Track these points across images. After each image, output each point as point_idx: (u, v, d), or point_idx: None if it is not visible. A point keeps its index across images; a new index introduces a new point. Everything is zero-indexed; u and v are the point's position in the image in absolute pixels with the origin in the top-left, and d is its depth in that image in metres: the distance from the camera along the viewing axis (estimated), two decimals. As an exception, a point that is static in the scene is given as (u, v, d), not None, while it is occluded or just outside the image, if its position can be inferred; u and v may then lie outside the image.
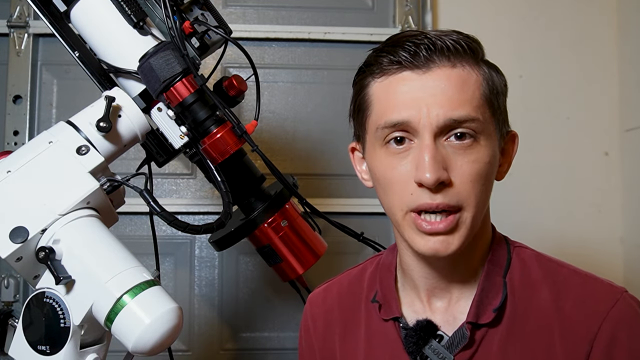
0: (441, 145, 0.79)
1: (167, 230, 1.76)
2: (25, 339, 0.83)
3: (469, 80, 0.81)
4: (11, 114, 1.72)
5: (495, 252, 0.89)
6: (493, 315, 0.83)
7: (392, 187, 0.82)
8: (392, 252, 0.97)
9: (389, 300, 0.92)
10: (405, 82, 0.81)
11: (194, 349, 1.76)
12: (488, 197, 0.85)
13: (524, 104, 1.84)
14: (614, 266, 1.83)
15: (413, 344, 0.85)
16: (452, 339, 0.85)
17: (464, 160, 0.79)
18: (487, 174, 0.81)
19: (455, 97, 0.79)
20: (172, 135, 1.02)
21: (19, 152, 0.92)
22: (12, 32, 1.73)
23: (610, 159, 1.87)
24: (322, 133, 1.82)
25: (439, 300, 0.89)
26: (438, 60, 0.80)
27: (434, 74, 0.80)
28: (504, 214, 1.78)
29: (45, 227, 0.85)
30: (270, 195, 1.18)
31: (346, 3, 1.85)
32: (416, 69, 0.80)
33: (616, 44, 1.89)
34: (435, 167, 0.77)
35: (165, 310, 0.81)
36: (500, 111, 0.85)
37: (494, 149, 0.83)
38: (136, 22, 0.98)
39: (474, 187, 0.80)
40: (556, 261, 0.89)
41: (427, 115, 0.78)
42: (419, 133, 0.79)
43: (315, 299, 1.06)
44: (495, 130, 0.83)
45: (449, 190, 0.79)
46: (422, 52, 0.79)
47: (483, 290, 0.85)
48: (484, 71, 0.83)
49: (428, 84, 0.79)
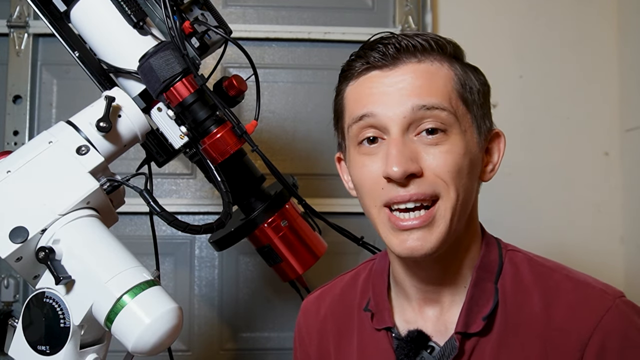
0: (411, 140, 0.79)
1: (167, 230, 1.76)
2: (25, 339, 0.82)
3: (438, 74, 0.81)
4: (11, 114, 1.72)
5: (485, 257, 0.86)
6: (483, 324, 0.81)
7: (363, 185, 0.82)
8: (384, 258, 0.95)
9: (381, 310, 0.90)
10: (373, 80, 0.82)
11: (194, 349, 1.76)
12: (470, 194, 0.82)
13: (524, 104, 1.84)
14: (614, 266, 1.83)
15: (404, 355, 0.83)
16: (443, 350, 0.83)
17: (436, 151, 0.78)
18: (465, 167, 0.79)
19: (424, 87, 0.79)
20: (172, 135, 1.02)
21: (19, 152, 0.92)
22: (12, 32, 1.73)
23: (610, 159, 1.87)
24: (322, 133, 1.81)
25: (430, 309, 0.87)
26: (405, 58, 0.81)
27: (401, 69, 0.80)
28: (504, 214, 1.78)
29: (45, 227, 0.84)
30: (270, 196, 1.18)
31: (346, 3, 1.85)
32: (384, 68, 0.81)
33: (616, 44, 1.89)
34: (402, 159, 0.76)
35: (165, 310, 0.81)
36: (477, 107, 0.83)
37: (469, 144, 0.81)
38: (136, 22, 0.98)
39: (452, 179, 0.78)
40: (549, 265, 0.86)
41: (394, 107, 0.78)
42: (387, 129, 0.79)
43: (309, 308, 1.04)
44: (472, 127, 0.82)
45: (421, 181, 0.77)
46: (390, 51, 0.81)
47: (472, 298, 0.83)
48: (455, 67, 0.83)
49: (395, 79, 0.80)
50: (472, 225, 0.87)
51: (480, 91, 0.84)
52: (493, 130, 0.87)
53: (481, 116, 0.84)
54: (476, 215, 0.88)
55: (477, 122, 0.83)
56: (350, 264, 1.09)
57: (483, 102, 0.85)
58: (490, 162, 0.87)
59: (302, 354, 1.04)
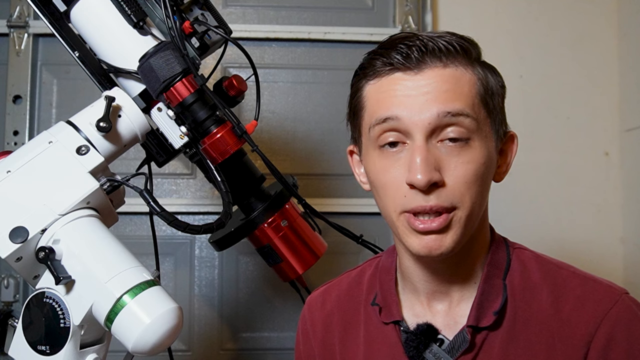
0: (434, 146, 0.79)
1: (167, 230, 1.76)
2: (25, 339, 0.83)
3: (463, 79, 0.81)
4: (11, 114, 1.72)
5: (494, 254, 0.88)
6: (493, 319, 0.83)
7: (385, 190, 0.83)
8: (391, 255, 0.97)
9: (389, 304, 0.91)
10: (397, 82, 0.81)
11: (194, 349, 1.76)
12: (484, 198, 0.84)
13: (524, 104, 1.84)
14: (614, 266, 1.83)
15: (413, 348, 0.84)
16: (453, 343, 0.84)
17: (458, 161, 0.79)
18: (482, 175, 0.81)
19: (449, 92, 0.79)
20: (172, 135, 1.02)
21: (19, 152, 0.92)
22: (12, 32, 1.73)
23: (610, 159, 1.87)
24: (322, 133, 1.82)
25: (439, 303, 0.89)
26: (430, 61, 0.80)
27: (426, 74, 0.80)
28: (504, 213, 1.78)
29: (45, 227, 0.84)
30: (270, 196, 1.18)
31: (346, 3, 1.85)
32: (408, 70, 0.80)
33: (616, 44, 1.89)
34: (427, 168, 0.77)
35: (165, 310, 0.81)
36: (496, 112, 0.84)
37: (489, 150, 0.82)
38: (136, 22, 0.98)
39: (469, 188, 0.79)
40: (556, 263, 0.88)
41: (419, 113, 0.78)
42: (411, 135, 0.79)
43: (314, 302, 1.05)
44: (492, 131, 0.83)
45: (442, 192, 0.78)
46: (414, 54, 0.80)
47: (483, 293, 0.85)
48: (478, 71, 0.83)
49: (420, 83, 0.80)
50: (483, 223, 0.88)
51: (499, 94, 0.85)
52: (508, 132, 0.88)
53: (500, 120, 0.85)
54: (486, 213, 0.89)
55: (496, 126, 0.84)
56: (350, 264, 1.09)
57: (502, 105, 0.86)
58: (503, 163, 0.88)
59: (305, 347, 1.04)
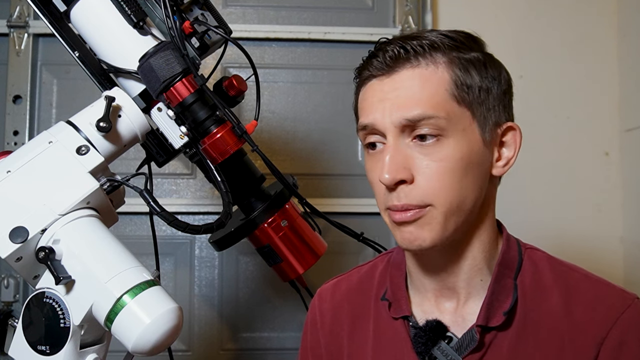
0: (406, 145, 0.81)
1: (167, 230, 1.76)
2: (25, 339, 0.82)
3: (432, 78, 0.81)
4: (11, 114, 1.72)
5: (505, 254, 0.88)
6: (503, 319, 0.83)
7: (373, 188, 0.87)
8: (402, 251, 0.97)
9: (398, 299, 0.92)
10: (373, 89, 0.85)
11: (194, 349, 1.76)
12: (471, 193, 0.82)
13: (524, 104, 1.83)
14: (614, 265, 1.83)
15: (422, 344, 0.85)
16: (462, 341, 0.85)
17: (430, 160, 0.80)
18: (460, 170, 0.80)
19: (412, 97, 0.80)
20: (172, 135, 1.02)
21: (18, 152, 0.92)
22: (12, 32, 1.73)
23: (610, 159, 1.87)
24: (322, 133, 1.82)
25: (447, 301, 0.89)
26: (400, 64, 0.82)
27: (393, 78, 0.82)
28: (504, 213, 1.77)
29: (45, 227, 0.84)
30: (270, 195, 1.17)
31: (346, 3, 1.85)
32: (381, 76, 0.84)
33: (616, 44, 1.89)
34: (392, 167, 0.79)
35: (165, 310, 0.81)
36: (482, 104, 0.82)
37: (471, 143, 0.81)
38: (136, 22, 0.98)
39: (442, 186, 0.79)
40: (568, 265, 0.88)
41: (388, 116, 0.81)
42: (385, 135, 0.82)
43: (324, 293, 1.05)
44: (474, 123, 0.81)
45: (412, 190, 0.80)
46: (387, 60, 0.83)
47: (493, 293, 0.85)
48: (452, 66, 0.81)
49: (386, 88, 0.83)
50: (485, 219, 0.87)
51: (481, 88, 0.82)
52: (506, 123, 0.86)
53: (486, 110, 0.83)
54: (490, 209, 0.88)
55: (482, 117, 0.82)
56: (351, 264, 1.09)
57: (495, 95, 0.84)
58: (504, 157, 0.87)
59: (312, 337, 1.04)
